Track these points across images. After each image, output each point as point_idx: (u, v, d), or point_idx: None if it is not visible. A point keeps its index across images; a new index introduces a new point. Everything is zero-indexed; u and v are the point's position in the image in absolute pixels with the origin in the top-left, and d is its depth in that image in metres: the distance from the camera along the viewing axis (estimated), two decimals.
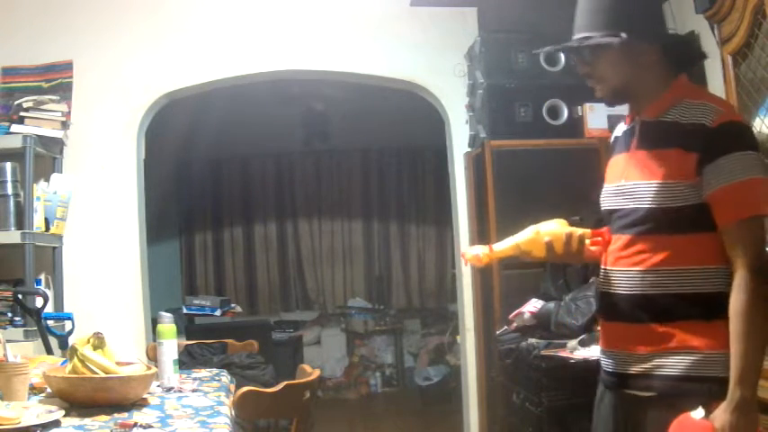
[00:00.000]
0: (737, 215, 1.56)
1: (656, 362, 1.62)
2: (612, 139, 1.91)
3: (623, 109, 3.69)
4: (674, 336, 1.60)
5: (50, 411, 1.65)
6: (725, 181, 1.55)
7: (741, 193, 1.55)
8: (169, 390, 2.17)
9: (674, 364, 1.60)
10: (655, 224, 1.63)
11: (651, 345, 1.63)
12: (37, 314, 2.87)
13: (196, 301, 5.56)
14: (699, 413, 1.52)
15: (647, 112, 1.72)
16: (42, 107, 3.27)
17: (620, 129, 1.86)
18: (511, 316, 3.16)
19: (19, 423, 1.54)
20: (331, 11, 3.76)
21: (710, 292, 1.60)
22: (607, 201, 1.78)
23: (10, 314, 3.15)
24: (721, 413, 1.50)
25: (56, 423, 1.62)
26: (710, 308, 1.59)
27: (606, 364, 1.77)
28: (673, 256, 1.62)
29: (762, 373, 1.52)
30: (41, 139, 3.25)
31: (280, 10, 3.72)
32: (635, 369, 1.66)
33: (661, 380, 1.61)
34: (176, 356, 2.29)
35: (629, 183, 1.70)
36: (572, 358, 2.74)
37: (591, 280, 2.89)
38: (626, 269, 1.68)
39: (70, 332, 2.96)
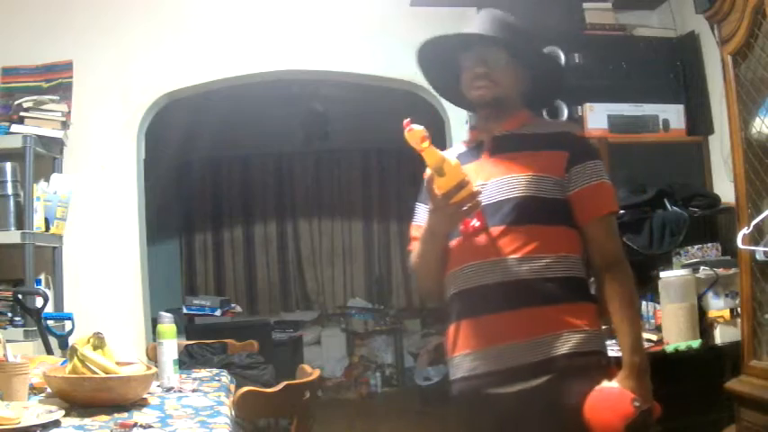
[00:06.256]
0: (607, 209, 1.79)
1: (551, 343, 1.68)
2: None
3: (624, 108, 3.67)
4: (561, 317, 1.71)
5: (50, 411, 1.65)
6: (592, 181, 1.76)
7: (605, 193, 1.79)
8: (169, 390, 2.17)
9: (565, 343, 1.69)
10: (527, 214, 1.73)
11: (544, 328, 1.69)
12: (37, 314, 2.87)
13: (196, 301, 5.57)
14: (612, 383, 1.67)
15: (502, 126, 1.85)
16: (42, 107, 3.27)
17: (453, 152, 1.90)
18: None
19: (19, 423, 1.54)
20: (331, 11, 3.76)
21: (578, 276, 1.77)
22: None
23: (10, 314, 3.14)
24: (626, 379, 1.67)
25: (56, 423, 1.62)
26: (580, 291, 1.77)
27: (485, 363, 1.72)
28: (544, 244, 1.73)
29: (761, 373, 1.53)
30: (41, 139, 3.25)
31: (280, 10, 3.72)
32: (529, 357, 1.68)
33: (557, 360, 1.68)
34: (176, 356, 2.29)
35: (493, 180, 1.77)
36: None
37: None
38: (504, 258, 1.72)
39: (70, 332, 2.96)
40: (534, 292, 1.70)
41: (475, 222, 1.74)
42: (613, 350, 1.80)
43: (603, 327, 1.79)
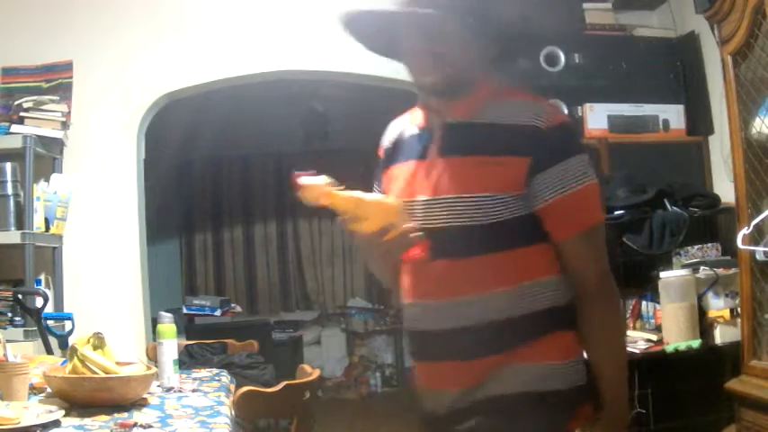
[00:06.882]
0: (582, 226, 1.40)
1: (509, 379, 1.39)
2: (389, 144, 1.61)
3: (624, 108, 3.65)
4: (526, 356, 1.39)
5: (50, 411, 1.65)
6: (563, 191, 1.36)
7: (582, 203, 1.39)
8: (169, 390, 2.17)
9: (506, 382, 1.38)
10: (476, 244, 1.37)
11: (484, 375, 1.39)
12: (37, 314, 2.87)
13: (196, 301, 5.57)
14: None
15: (456, 111, 1.44)
16: (42, 107, 3.27)
17: (406, 131, 1.56)
18: None
19: (19, 423, 1.54)
20: (331, 11, 3.75)
21: (550, 307, 1.41)
22: None
23: (10, 314, 3.14)
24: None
25: (56, 423, 1.62)
26: (553, 322, 1.41)
27: (441, 405, 1.47)
28: (503, 277, 1.38)
29: (761, 373, 1.53)
30: (41, 139, 3.24)
31: (280, 10, 3.71)
32: (489, 391, 1.40)
33: (495, 402, 1.39)
34: (176, 356, 2.29)
35: (440, 198, 1.40)
36: None
37: None
38: (455, 301, 1.40)
39: (70, 332, 2.96)
40: (495, 339, 1.39)
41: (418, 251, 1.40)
42: None
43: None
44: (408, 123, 1.57)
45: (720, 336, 2.69)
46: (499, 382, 1.39)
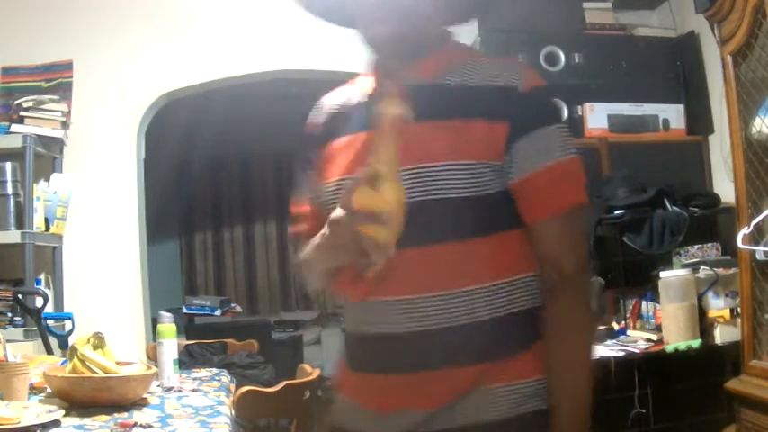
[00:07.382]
0: (563, 205, 1.17)
1: (458, 410, 1.14)
2: (326, 118, 1.34)
3: (624, 108, 3.64)
4: (491, 369, 1.15)
5: (50, 411, 1.65)
6: (543, 162, 1.15)
7: (564, 177, 1.17)
8: (169, 389, 2.17)
9: (482, 407, 1.14)
10: (445, 226, 1.14)
11: (450, 394, 1.14)
12: (37, 314, 2.87)
13: (196, 301, 5.57)
14: None
15: (417, 71, 1.21)
16: (42, 107, 3.27)
17: (351, 100, 1.31)
18: None
19: (19, 423, 1.54)
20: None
21: (527, 308, 1.18)
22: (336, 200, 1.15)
23: (10, 314, 3.14)
24: None
25: (56, 423, 1.62)
26: (527, 330, 1.18)
27: (365, 425, 1.22)
28: (477, 268, 1.15)
29: (761, 373, 1.52)
30: (41, 139, 3.25)
31: (279, 10, 3.71)
32: (428, 428, 1.15)
33: (491, 426, 1.14)
34: (176, 356, 2.30)
35: (400, 170, 1.14)
36: None
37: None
38: (418, 297, 1.14)
39: (70, 332, 2.96)
40: (464, 346, 1.15)
41: None
42: None
43: (602, 327, 1.55)
44: (353, 92, 1.32)
45: (720, 336, 2.69)
46: (478, 404, 1.14)
